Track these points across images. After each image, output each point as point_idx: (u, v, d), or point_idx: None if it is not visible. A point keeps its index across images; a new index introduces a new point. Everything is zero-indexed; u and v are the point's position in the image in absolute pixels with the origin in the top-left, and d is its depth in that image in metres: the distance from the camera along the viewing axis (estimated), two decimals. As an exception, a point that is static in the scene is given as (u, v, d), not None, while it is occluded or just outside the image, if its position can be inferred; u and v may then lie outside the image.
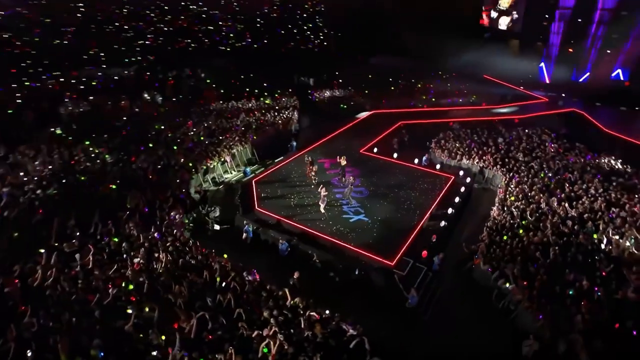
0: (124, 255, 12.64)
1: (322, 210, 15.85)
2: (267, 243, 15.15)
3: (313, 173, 18.17)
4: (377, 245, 14.10)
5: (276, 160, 21.37)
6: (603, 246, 13.26)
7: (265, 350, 9.27)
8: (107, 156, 18.45)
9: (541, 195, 16.60)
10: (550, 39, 32.39)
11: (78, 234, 13.35)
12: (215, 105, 28.11)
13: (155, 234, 14.23)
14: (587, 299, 11.09)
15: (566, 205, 15.63)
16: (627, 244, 13.07)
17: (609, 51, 29.58)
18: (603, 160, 20.35)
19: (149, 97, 28.49)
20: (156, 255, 12.93)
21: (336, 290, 12.69)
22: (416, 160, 20.88)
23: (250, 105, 28.91)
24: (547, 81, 33.64)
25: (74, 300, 10.19)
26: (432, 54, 37.11)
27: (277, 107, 28.52)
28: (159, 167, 18.90)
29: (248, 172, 20.17)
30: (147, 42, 37.33)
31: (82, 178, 16.60)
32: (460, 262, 14.05)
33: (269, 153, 22.84)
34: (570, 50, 31.36)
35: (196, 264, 12.80)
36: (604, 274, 11.96)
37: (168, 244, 13.64)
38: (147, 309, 10.22)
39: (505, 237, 13.94)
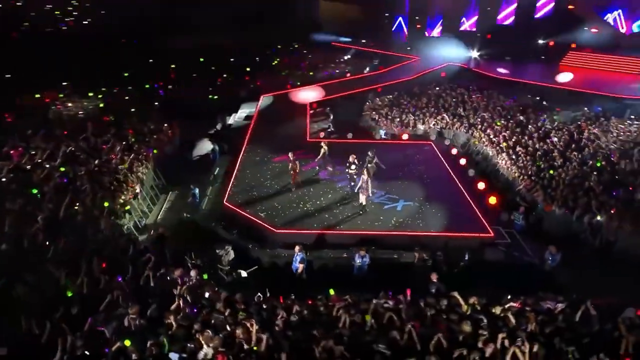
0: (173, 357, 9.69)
1: (364, 202, 15.79)
2: (327, 267, 14.00)
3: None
4: (457, 223, 15.24)
5: (216, 173, 19.28)
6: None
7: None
8: None
9: (521, 137, 20.83)
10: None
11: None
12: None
13: (187, 310, 11.20)
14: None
15: (554, 140, 20.22)
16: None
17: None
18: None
19: None
20: (226, 331, 10.38)
21: (462, 281, 12.95)
22: (377, 136, 22.51)
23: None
24: (404, 40, 40.57)
25: None
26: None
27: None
28: (41, 227, 14.35)
29: (197, 196, 17.40)
30: None
31: None
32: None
33: (181, 171, 20.13)
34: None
35: (304, 317, 10.88)
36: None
37: (227, 313, 10.98)
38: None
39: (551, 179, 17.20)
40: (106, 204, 15.59)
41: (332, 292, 11.71)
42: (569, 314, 10.65)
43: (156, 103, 27.16)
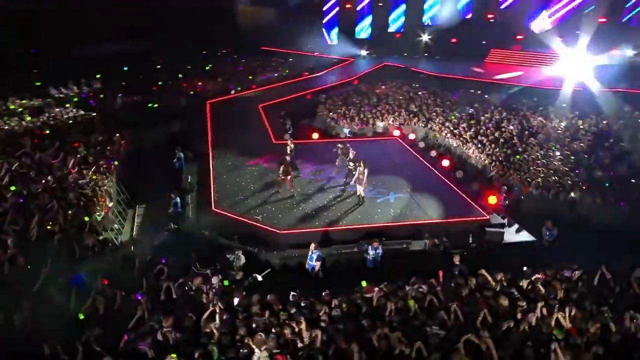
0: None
1: (362, 194, 16.24)
2: (339, 263, 14.31)
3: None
4: (452, 209, 16.26)
5: (190, 182, 18.70)
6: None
7: (558, 331, 10.04)
8: None
9: (479, 127, 22.58)
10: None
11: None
12: None
13: (224, 317, 10.94)
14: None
15: (511, 127, 22.16)
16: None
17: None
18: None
19: None
20: (272, 334, 10.32)
21: (472, 264, 13.79)
22: (341, 135, 23.20)
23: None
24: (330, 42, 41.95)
25: None
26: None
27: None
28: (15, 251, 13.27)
29: (179, 205, 16.70)
30: None
31: None
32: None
33: (145, 183, 19.37)
34: (348, 6, 40.34)
35: (343, 311, 11.04)
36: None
37: (269, 316, 10.86)
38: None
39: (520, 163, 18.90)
40: (87, 219, 14.64)
41: (364, 283, 11.98)
42: (587, 280, 11.79)
43: (94, 113, 25.58)
